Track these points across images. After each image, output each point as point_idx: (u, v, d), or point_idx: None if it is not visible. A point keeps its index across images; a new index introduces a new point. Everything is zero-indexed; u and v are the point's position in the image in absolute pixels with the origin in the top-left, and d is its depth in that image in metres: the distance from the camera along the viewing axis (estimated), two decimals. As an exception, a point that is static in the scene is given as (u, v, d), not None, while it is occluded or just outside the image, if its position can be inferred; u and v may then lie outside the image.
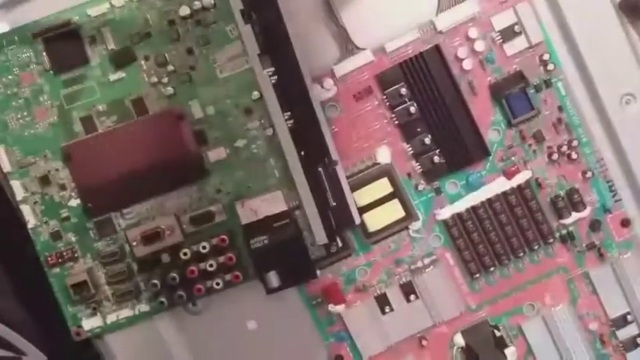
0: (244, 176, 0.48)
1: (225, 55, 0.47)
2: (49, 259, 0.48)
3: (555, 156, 0.49)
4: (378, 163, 0.49)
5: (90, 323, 0.48)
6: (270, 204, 0.47)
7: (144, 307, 0.49)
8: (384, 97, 0.48)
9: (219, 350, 0.51)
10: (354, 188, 0.48)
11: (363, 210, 0.48)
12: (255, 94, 0.47)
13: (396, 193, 0.49)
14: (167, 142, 0.47)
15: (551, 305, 0.50)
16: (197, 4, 0.46)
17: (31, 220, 0.48)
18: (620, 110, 0.49)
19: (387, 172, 0.49)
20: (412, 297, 0.50)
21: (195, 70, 0.47)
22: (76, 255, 0.48)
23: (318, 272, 0.48)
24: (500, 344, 0.50)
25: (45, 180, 0.47)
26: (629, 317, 0.51)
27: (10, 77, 0.47)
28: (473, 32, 0.48)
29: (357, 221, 0.46)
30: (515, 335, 0.51)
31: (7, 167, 0.47)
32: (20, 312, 0.49)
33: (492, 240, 0.49)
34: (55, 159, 0.47)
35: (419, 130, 0.49)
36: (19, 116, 0.47)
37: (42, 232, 0.48)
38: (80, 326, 0.48)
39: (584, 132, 0.49)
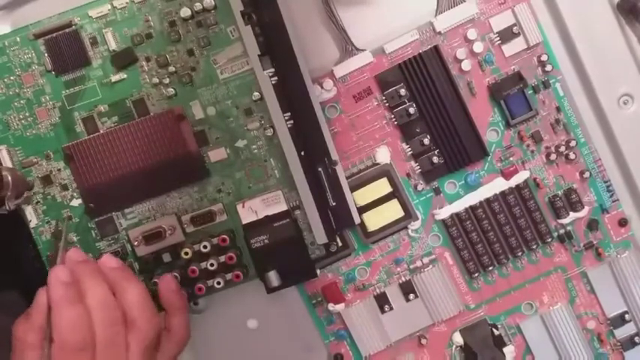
0: (245, 176, 0.48)
1: (225, 56, 0.47)
2: (51, 258, 0.48)
3: (553, 156, 0.49)
4: (377, 164, 0.49)
5: (91, 322, 0.49)
6: (270, 204, 0.48)
7: (145, 306, 0.49)
8: (384, 97, 0.48)
9: (221, 348, 0.52)
10: (353, 188, 0.48)
11: (362, 210, 0.49)
12: (256, 95, 0.47)
13: (395, 193, 0.49)
14: (168, 142, 0.47)
15: (549, 304, 0.51)
16: (198, 6, 0.46)
17: (33, 220, 0.48)
18: (618, 111, 0.49)
19: (386, 172, 0.49)
20: (411, 296, 0.50)
21: (196, 71, 0.47)
22: (77, 254, 0.48)
23: (317, 271, 0.48)
24: (499, 343, 0.51)
25: (47, 180, 0.48)
26: (626, 316, 0.51)
27: (12, 78, 0.47)
28: (471, 33, 0.48)
29: (357, 221, 0.46)
30: (514, 334, 0.51)
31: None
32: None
33: (491, 239, 0.50)
34: (57, 159, 0.48)
35: (418, 130, 0.49)
36: (21, 117, 0.47)
37: (44, 231, 0.48)
38: (82, 325, 0.49)
39: (582, 132, 0.49)
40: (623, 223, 0.50)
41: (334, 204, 0.45)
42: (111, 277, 0.43)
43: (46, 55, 0.47)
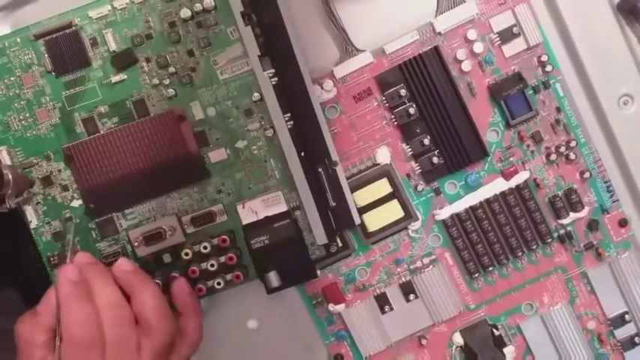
0: (245, 177, 0.48)
1: (225, 56, 0.47)
2: (52, 259, 0.48)
3: (553, 156, 0.49)
4: (377, 164, 0.49)
5: (92, 323, 0.49)
6: (270, 204, 0.48)
7: (145, 307, 0.49)
8: (384, 98, 0.48)
9: (221, 349, 0.52)
10: (353, 189, 0.48)
11: (362, 210, 0.49)
12: (256, 96, 0.47)
13: (396, 194, 0.49)
14: (168, 143, 0.47)
15: (549, 304, 0.51)
16: (198, 7, 0.46)
17: (33, 221, 0.48)
18: (618, 111, 0.49)
19: (386, 172, 0.49)
20: (411, 296, 0.50)
21: (196, 71, 0.47)
22: (78, 255, 0.48)
23: (318, 272, 0.48)
24: (499, 343, 0.51)
25: (47, 181, 0.48)
26: (626, 316, 0.51)
27: (12, 79, 0.47)
28: (472, 34, 0.48)
29: (357, 221, 0.46)
30: (514, 334, 0.51)
31: (9, 168, 0.47)
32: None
33: (491, 240, 0.50)
34: (57, 160, 0.48)
35: (418, 130, 0.49)
36: (21, 117, 0.47)
37: (44, 232, 0.48)
38: (82, 326, 0.49)
39: (582, 133, 0.49)
40: (623, 223, 0.50)
41: (334, 204, 0.45)
42: (126, 280, 0.43)
43: (46, 55, 0.47)
